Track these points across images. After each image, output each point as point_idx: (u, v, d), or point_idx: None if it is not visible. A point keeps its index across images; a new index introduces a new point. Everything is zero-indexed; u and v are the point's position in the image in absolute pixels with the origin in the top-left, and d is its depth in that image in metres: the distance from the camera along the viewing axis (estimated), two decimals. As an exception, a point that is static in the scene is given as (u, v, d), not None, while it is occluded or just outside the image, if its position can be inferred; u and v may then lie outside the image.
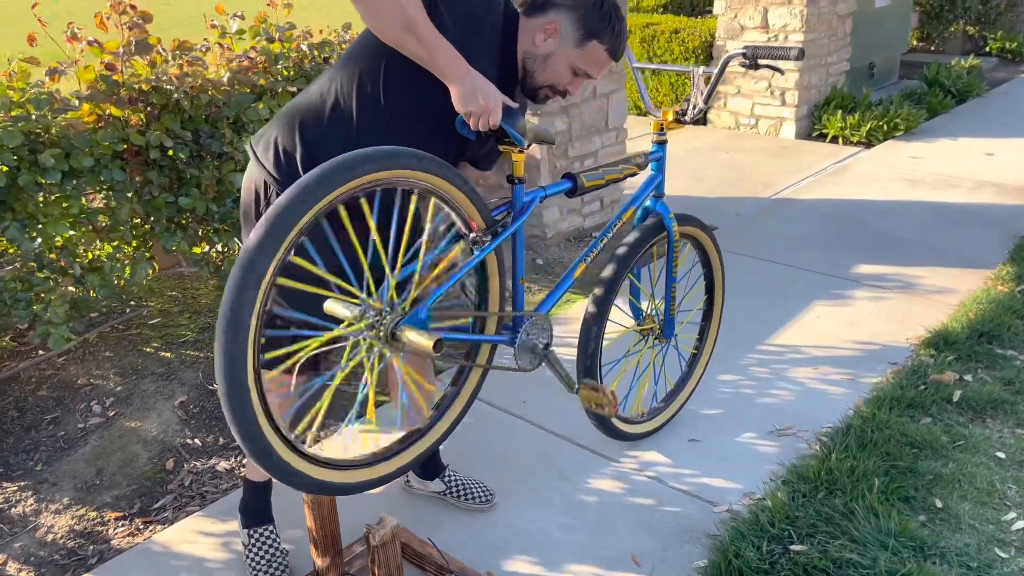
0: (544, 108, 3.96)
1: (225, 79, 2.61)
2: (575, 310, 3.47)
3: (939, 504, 2.21)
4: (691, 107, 2.21)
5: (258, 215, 1.79)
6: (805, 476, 2.33)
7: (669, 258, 2.41)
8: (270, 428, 1.43)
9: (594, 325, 2.26)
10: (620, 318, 3.20)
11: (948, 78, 7.11)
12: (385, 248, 1.72)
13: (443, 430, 1.87)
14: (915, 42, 9.17)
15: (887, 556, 1.99)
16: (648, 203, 2.36)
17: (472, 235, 1.77)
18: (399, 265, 1.62)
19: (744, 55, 2.06)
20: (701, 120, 6.60)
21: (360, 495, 2.37)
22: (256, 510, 2.13)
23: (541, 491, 2.37)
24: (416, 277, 1.64)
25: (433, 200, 1.69)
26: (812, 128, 6.28)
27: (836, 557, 2.00)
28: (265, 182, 1.79)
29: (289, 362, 1.64)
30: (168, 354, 3.08)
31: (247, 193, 1.82)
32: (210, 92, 2.58)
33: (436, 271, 1.72)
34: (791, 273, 3.76)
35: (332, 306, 1.58)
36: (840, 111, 6.11)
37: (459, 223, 1.77)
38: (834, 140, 6.08)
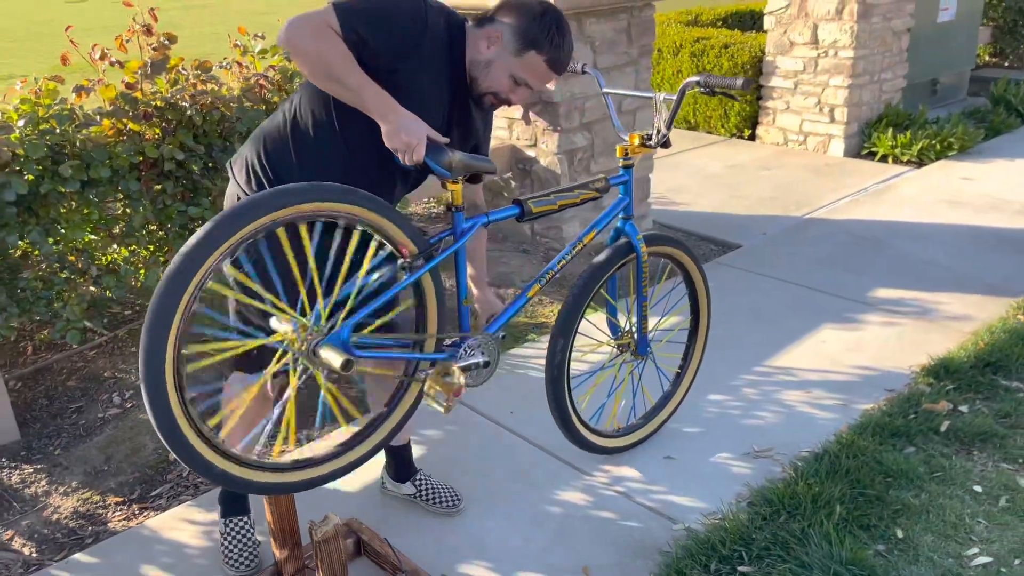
0: (565, 124, 4.04)
1: (235, 96, 2.79)
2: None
3: (900, 534, 2.19)
4: (655, 132, 2.26)
5: None
6: (770, 499, 2.34)
7: (638, 278, 2.45)
8: (186, 422, 1.60)
9: (560, 339, 2.32)
10: (599, 333, 3.25)
11: (1015, 96, 6.84)
12: (321, 272, 1.81)
13: (382, 437, 1.97)
14: (987, 57, 8.83)
15: (831, 583, 1.99)
16: (618, 224, 2.42)
17: (402, 261, 1.87)
18: (336, 289, 1.74)
19: (699, 83, 2.11)
20: (749, 136, 6.55)
21: (335, 494, 2.50)
22: (232, 501, 2.28)
23: (510, 500, 2.45)
24: (350, 300, 1.75)
25: (360, 230, 1.79)
26: (862, 146, 6.14)
27: (778, 581, 2.01)
28: (238, 196, 1.93)
29: (214, 358, 1.73)
30: (186, 351, 3.28)
31: (227, 207, 1.97)
32: (221, 109, 2.77)
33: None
34: (805, 294, 3.73)
35: (272, 320, 1.71)
36: (891, 129, 5.97)
37: (390, 249, 1.86)
38: (884, 159, 5.94)
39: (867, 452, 2.50)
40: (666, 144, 2.26)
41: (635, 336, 2.53)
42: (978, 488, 2.37)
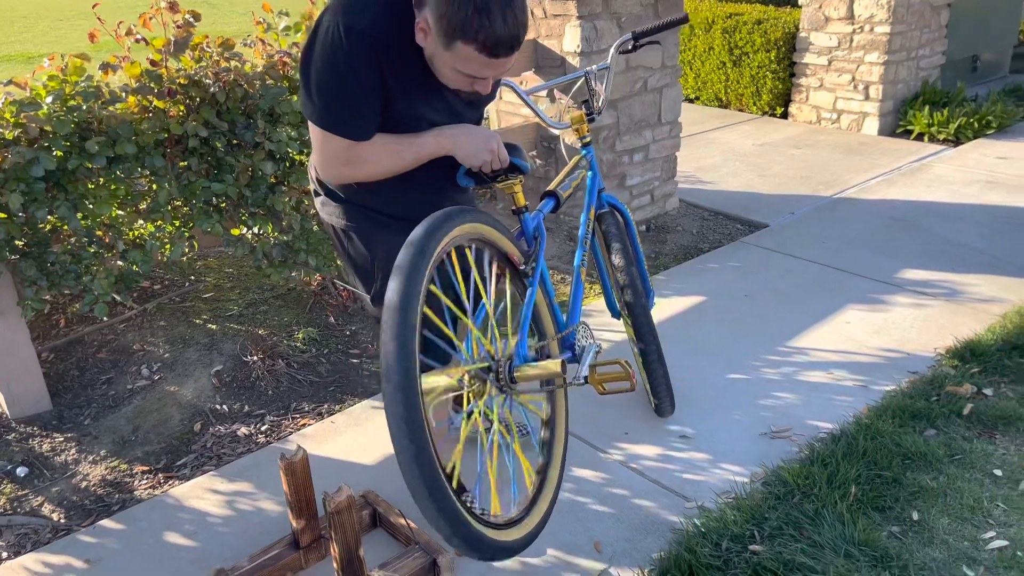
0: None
1: (258, 74, 2.82)
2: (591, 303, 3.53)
3: (916, 517, 2.18)
4: (596, 101, 2.36)
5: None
6: (785, 479, 2.33)
7: (631, 237, 2.54)
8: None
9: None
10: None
11: (1059, 73, 6.64)
12: (461, 304, 1.86)
13: (560, 460, 2.00)
14: (1032, 33, 8.56)
15: (842, 563, 1.99)
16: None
17: (522, 268, 1.90)
18: (515, 318, 1.80)
19: (629, 39, 2.28)
20: (782, 114, 6.45)
21: (354, 467, 2.54)
22: None
23: (524, 476, 2.47)
24: (502, 323, 1.80)
25: (474, 248, 1.81)
26: (897, 124, 6.02)
27: (788, 560, 2.01)
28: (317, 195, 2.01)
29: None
30: (214, 326, 3.35)
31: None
32: (244, 86, 2.79)
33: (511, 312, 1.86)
34: (831, 275, 3.68)
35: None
36: (928, 107, 5.84)
37: (503, 264, 1.90)
38: (919, 137, 5.81)
39: (886, 434, 2.47)
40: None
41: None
42: (998, 472, 2.34)
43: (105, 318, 3.32)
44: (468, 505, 1.51)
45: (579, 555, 2.15)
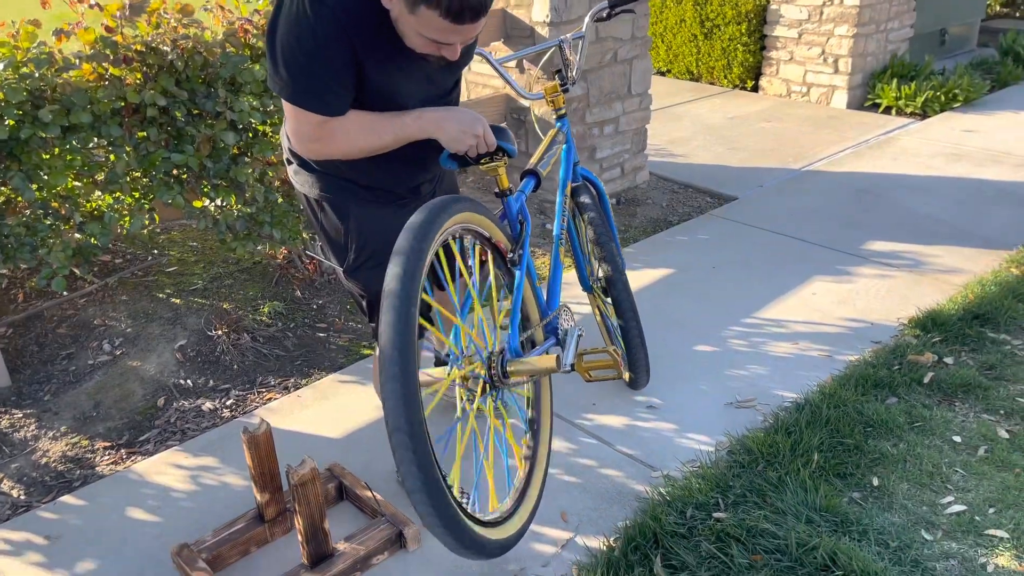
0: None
1: (218, 41, 2.75)
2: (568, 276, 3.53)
3: (876, 483, 2.21)
4: (571, 71, 2.33)
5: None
6: (749, 448, 2.35)
7: (606, 211, 2.50)
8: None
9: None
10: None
11: (1025, 47, 6.71)
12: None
13: (546, 452, 1.97)
14: (998, 8, 8.64)
15: (803, 528, 2.01)
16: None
17: (509, 256, 1.85)
18: (517, 309, 1.76)
19: (602, 8, 2.24)
20: (753, 87, 6.45)
21: (320, 440, 2.52)
22: None
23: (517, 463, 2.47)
24: (496, 315, 1.75)
25: (459, 239, 1.77)
26: (866, 98, 6.05)
27: (751, 526, 2.03)
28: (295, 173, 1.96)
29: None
30: (178, 300, 3.30)
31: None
32: (204, 54, 2.73)
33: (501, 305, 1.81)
34: (798, 247, 3.71)
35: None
36: (896, 80, 5.87)
37: (490, 251, 1.85)
38: (887, 111, 5.85)
39: (849, 402, 2.50)
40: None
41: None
42: (957, 438, 2.38)
43: (65, 292, 3.25)
44: (468, 510, 1.50)
45: (546, 525, 2.16)
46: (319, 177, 1.90)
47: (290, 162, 1.95)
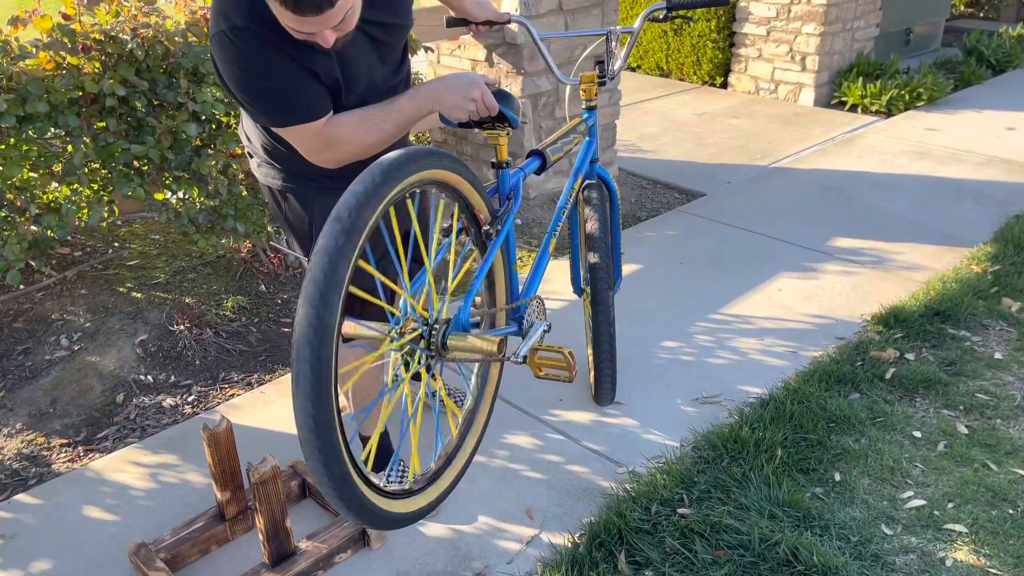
0: (529, 67, 3.96)
1: (180, 31, 2.70)
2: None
3: (838, 478, 2.23)
4: (611, 67, 2.25)
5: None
6: (714, 444, 2.36)
7: (614, 217, 2.47)
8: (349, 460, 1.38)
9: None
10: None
11: (987, 47, 6.82)
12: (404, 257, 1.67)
13: (476, 441, 1.90)
14: (963, 8, 8.77)
15: (766, 523, 2.03)
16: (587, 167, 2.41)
17: (485, 228, 1.78)
18: (451, 272, 1.66)
19: (666, 7, 2.16)
20: (722, 84, 6.48)
21: (283, 436, 2.49)
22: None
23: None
24: (454, 278, 1.66)
25: (443, 200, 1.71)
26: (832, 95, 6.11)
27: (715, 522, 2.04)
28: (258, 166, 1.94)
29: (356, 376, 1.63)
30: (139, 294, 3.24)
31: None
32: (165, 43, 2.67)
33: (459, 273, 1.70)
34: (764, 243, 3.73)
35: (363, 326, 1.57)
36: (862, 78, 5.93)
37: (466, 219, 1.78)
38: (853, 109, 5.91)
39: (812, 398, 2.52)
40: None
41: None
42: (917, 434, 2.41)
43: (21, 286, 3.18)
44: (371, 479, 1.47)
45: (511, 522, 2.16)
46: (281, 169, 1.87)
47: (251, 155, 1.92)
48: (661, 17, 2.33)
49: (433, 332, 1.59)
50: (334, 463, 1.30)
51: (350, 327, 1.57)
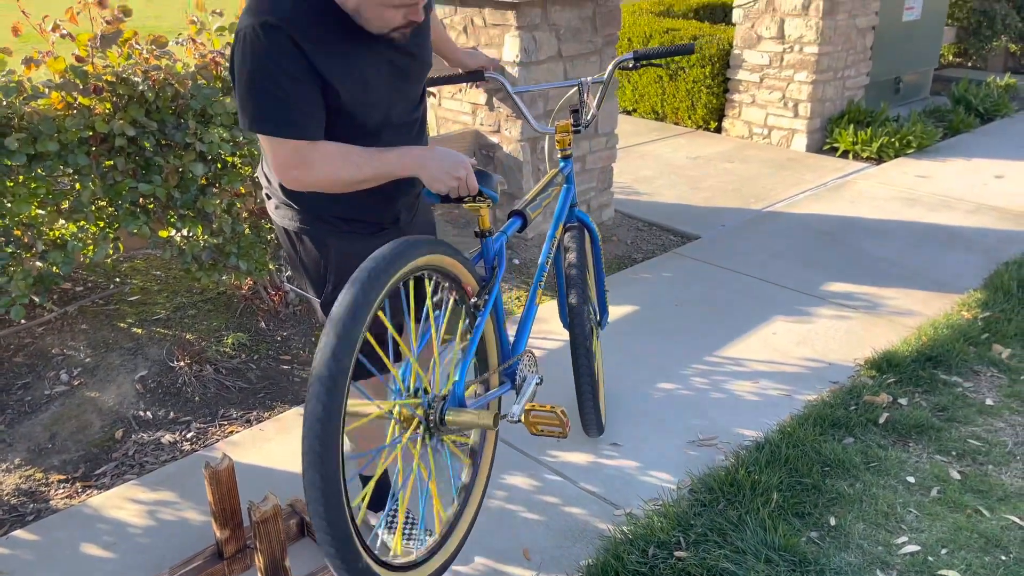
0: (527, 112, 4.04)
1: (189, 73, 2.76)
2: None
3: (833, 522, 2.25)
4: (585, 115, 2.33)
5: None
6: (710, 487, 2.38)
7: (596, 257, 2.51)
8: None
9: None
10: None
11: (976, 96, 6.97)
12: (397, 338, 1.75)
13: (472, 514, 1.92)
14: (951, 57, 8.97)
15: (763, 568, 2.04)
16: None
17: (473, 300, 1.83)
18: (461, 350, 1.73)
19: (630, 59, 2.24)
20: (716, 128, 6.60)
21: (281, 475, 2.50)
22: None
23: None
24: (435, 359, 1.71)
25: (433, 280, 1.76)
26: (824, 141, 6.22)
27: (712, 565, 2.06)
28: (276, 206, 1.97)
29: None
30: (139, 330, 3.26)
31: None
32: (175, 85, 2.73)
33: (445, 349, 1.77)
34: (759, 287, 3.79)
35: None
36: (853, 125, 6.05)
37: (455, 293, 1.83)
38: (844, 155, 6.02)
39: (807, 442, 2.55)
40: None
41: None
42: (911, 479, 2.43)
43: (23, 320, 3.20)
44: (369, 546, 1.49)
45: (508, 563, 2.16)
46: (298, 211, 1.91)
47: (269, 197, 1.96)
48: (631, 67, 2.44)
49: (432, 407, 1.64)
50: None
51: (354, 405, 1.62)
